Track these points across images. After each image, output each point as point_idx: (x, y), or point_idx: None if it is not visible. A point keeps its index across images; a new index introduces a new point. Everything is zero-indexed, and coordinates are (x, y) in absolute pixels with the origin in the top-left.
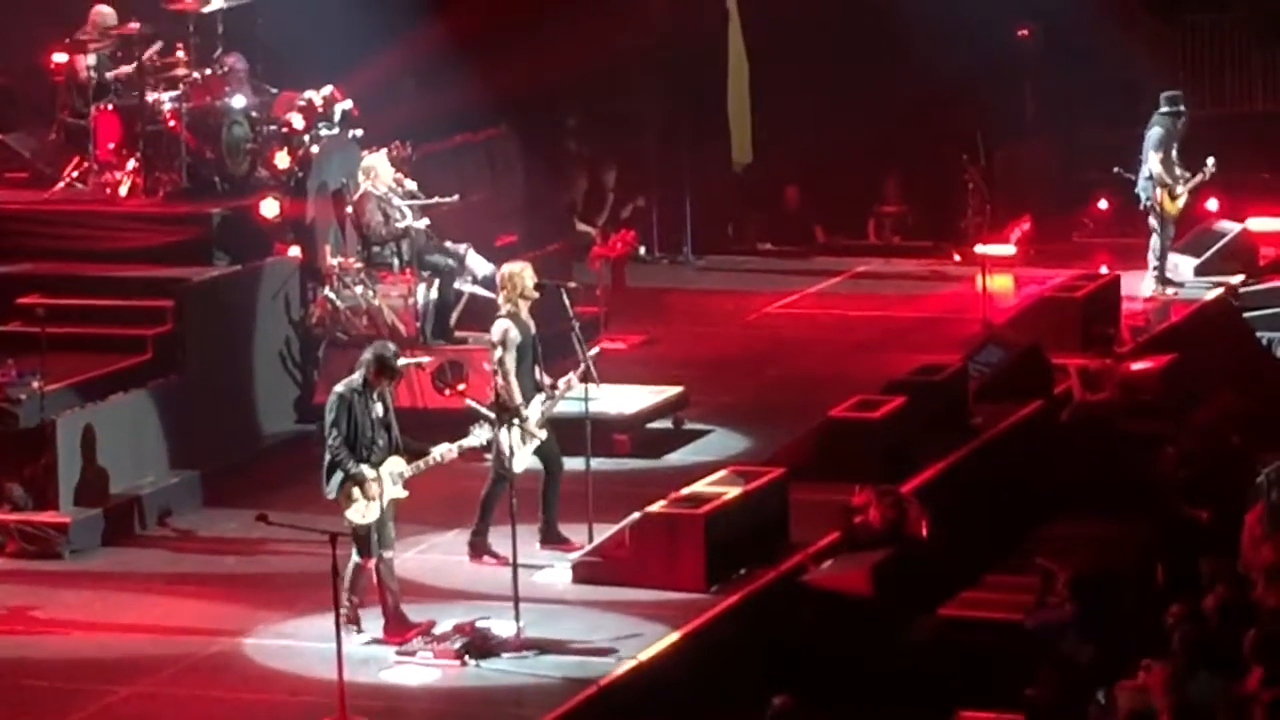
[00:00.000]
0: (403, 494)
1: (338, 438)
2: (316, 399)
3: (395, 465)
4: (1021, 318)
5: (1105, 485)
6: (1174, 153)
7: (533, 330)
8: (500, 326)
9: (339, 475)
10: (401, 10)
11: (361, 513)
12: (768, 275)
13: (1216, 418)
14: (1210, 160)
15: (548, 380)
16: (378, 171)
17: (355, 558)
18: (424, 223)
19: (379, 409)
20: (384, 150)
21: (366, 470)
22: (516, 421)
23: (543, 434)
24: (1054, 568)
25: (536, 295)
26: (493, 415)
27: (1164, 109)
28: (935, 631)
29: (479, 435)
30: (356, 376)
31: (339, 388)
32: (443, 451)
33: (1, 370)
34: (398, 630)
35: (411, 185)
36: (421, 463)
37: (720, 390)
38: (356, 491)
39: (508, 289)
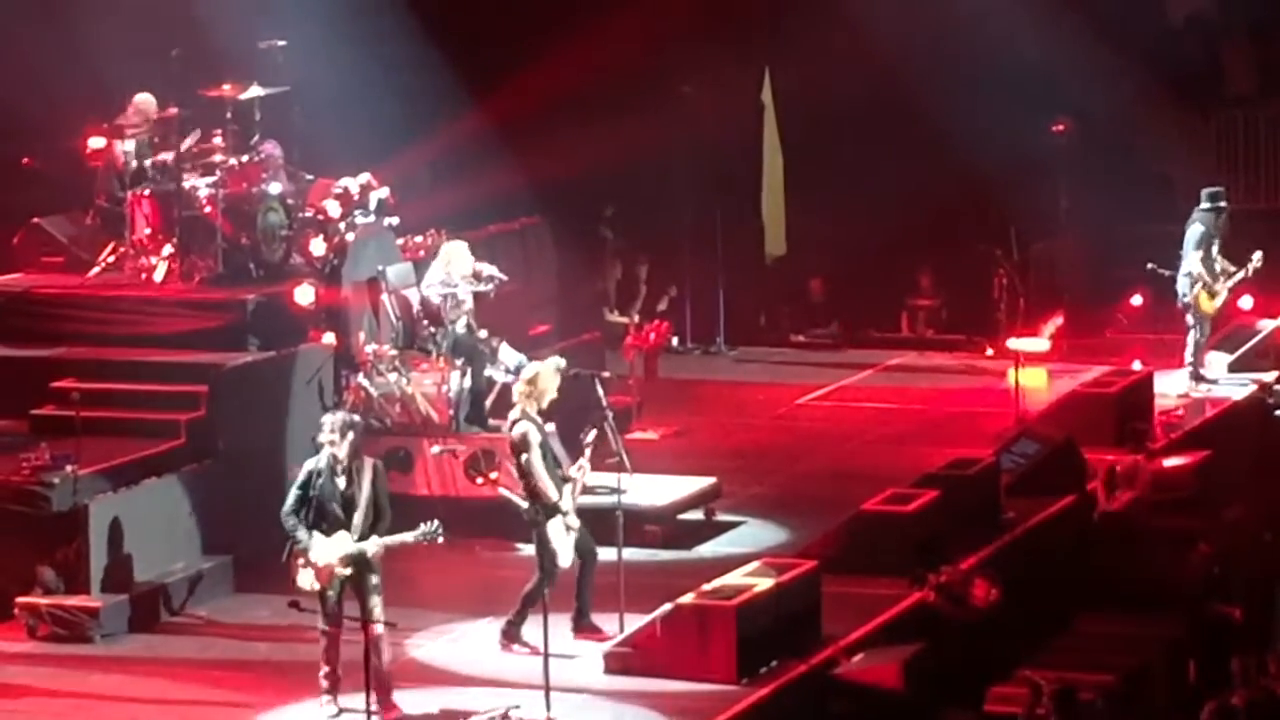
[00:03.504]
0: (344, 572)
1: (290, 507)
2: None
3: (339, 541)
4: (1055, 413)
5: (1138, 581)
6: (1214, 249)
7: (547, 426)
8: (520, 430)
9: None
10: (438, 99)
11: (309, 581)
12: (800, 367)
13: (1248, 515)
14: (1257, 255)
15: (568, 472)
16: (457, 259)
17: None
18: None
19: (343, 483)
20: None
21: (309, 539)
22: (559, 516)
23: (577, 523)
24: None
25: (555, 397)
26: (525, 504)
27: (1205, 205)
28: None
29: (426, 530)
30: (325, 452)
31: (308, 462)
32: (387, 541)
33: (35, 454)
34: (387, 706)
35: (491, 269)
36: (369, 544)
37: (752, 482)
38: (301, 559)
39: (529, 388)
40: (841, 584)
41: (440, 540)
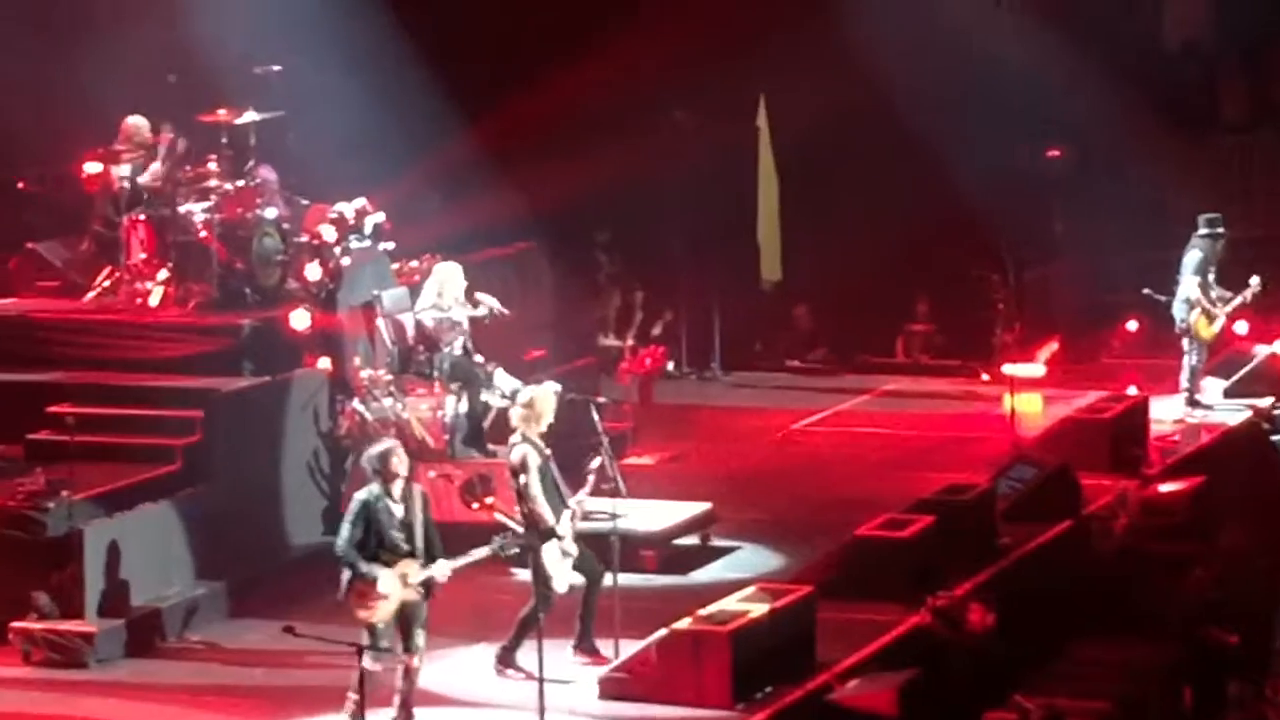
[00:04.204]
0: (414, 597)
1: (347, 539)
2: (344, 510)
3: (407, 568)
4: (1050, 438)
5: (1133, 607)
6: (1211, 276)
7: (547, 450)
8: (519, 452)
9: (347, 575)
10: (433, 125)
11: (383, 613)
12: (796, 392)
13: (1244, 540)
14: (1255, 280)
15: (569, 495)
16: (450, 281)
17: (367, 660)
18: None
19: (400, 510)
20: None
21: (377, 570)
22: (555, 540)
23: (575, 549)
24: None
25: (551, 422)
26: (522, 529)
27: (1203, 231)
28: None
29: (498, 544)
30: (374, 483)
31: (361, 493)
32: (457, 563)
33: (30, 479)
34: None
35: (492, 301)
36: (437, 568)
37: (748, 507)
38: (368, 591)
39: (527, 411)
40: (837, 609)
41: (515, 553)
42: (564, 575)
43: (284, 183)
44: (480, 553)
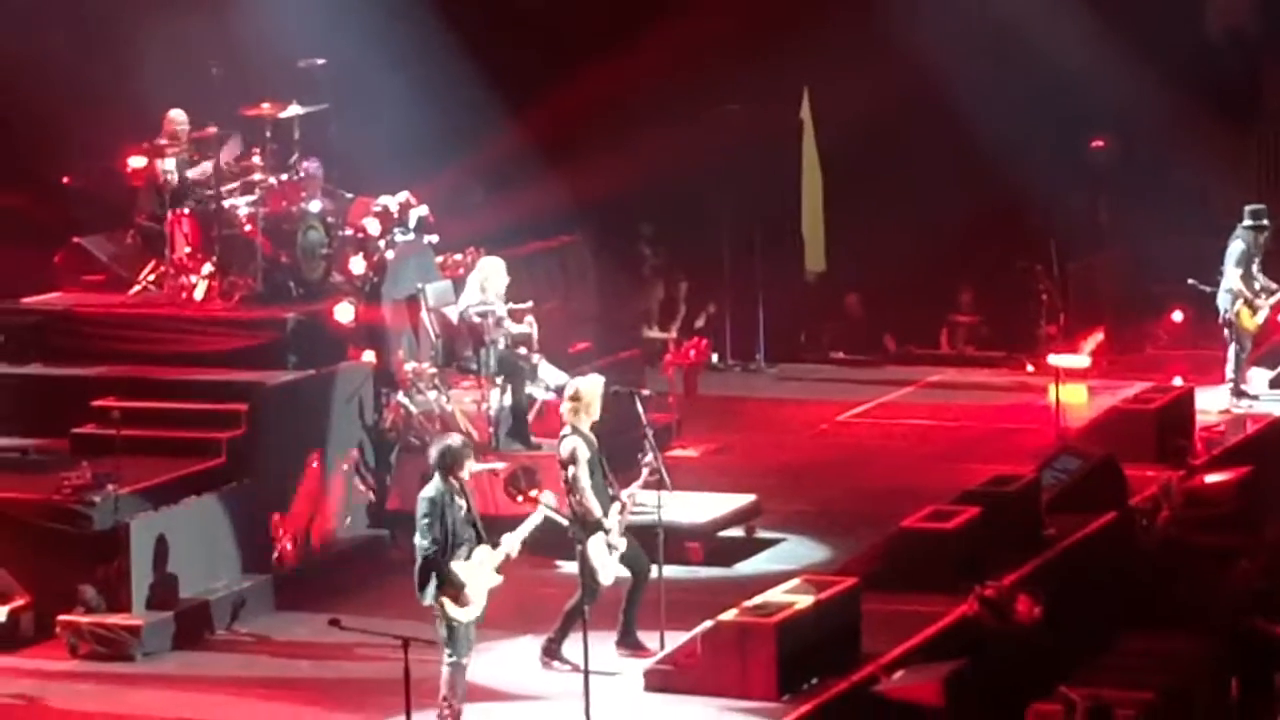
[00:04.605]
0: (499, 579)
1: (432, 541)
2: (389, 504)
3: (484, 555)
4: (1095, 429)
5: (1179, 598)
6: (1255, 267)
7: (596, 443)
8: (569, 445)
9: (435, 579)
10: (477, 117)
11: (466, 611)
12: (841, 384)
13: None
14: None
15: (619, 490)
16: (493, 276)
17: (451, 659)
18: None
19: (463, 504)
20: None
21: (462, 567)
22: (601, 533)
23: (623, 543)
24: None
25: (600, 413)
26: (568, 523)
27: (1247, 222)
28: None
29: (547, 503)
30: (438, 479)
31: (429, 492)
32: (521, 534)
33: (76, 473)
34: None
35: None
36: (506, 543)
37: (793, 499)
38: (459, 595)
39: (575, 404)
40: (882, 601)
41: (568, 519)
42: (610, 568)
43: (328, 176)
44: (536, 517)
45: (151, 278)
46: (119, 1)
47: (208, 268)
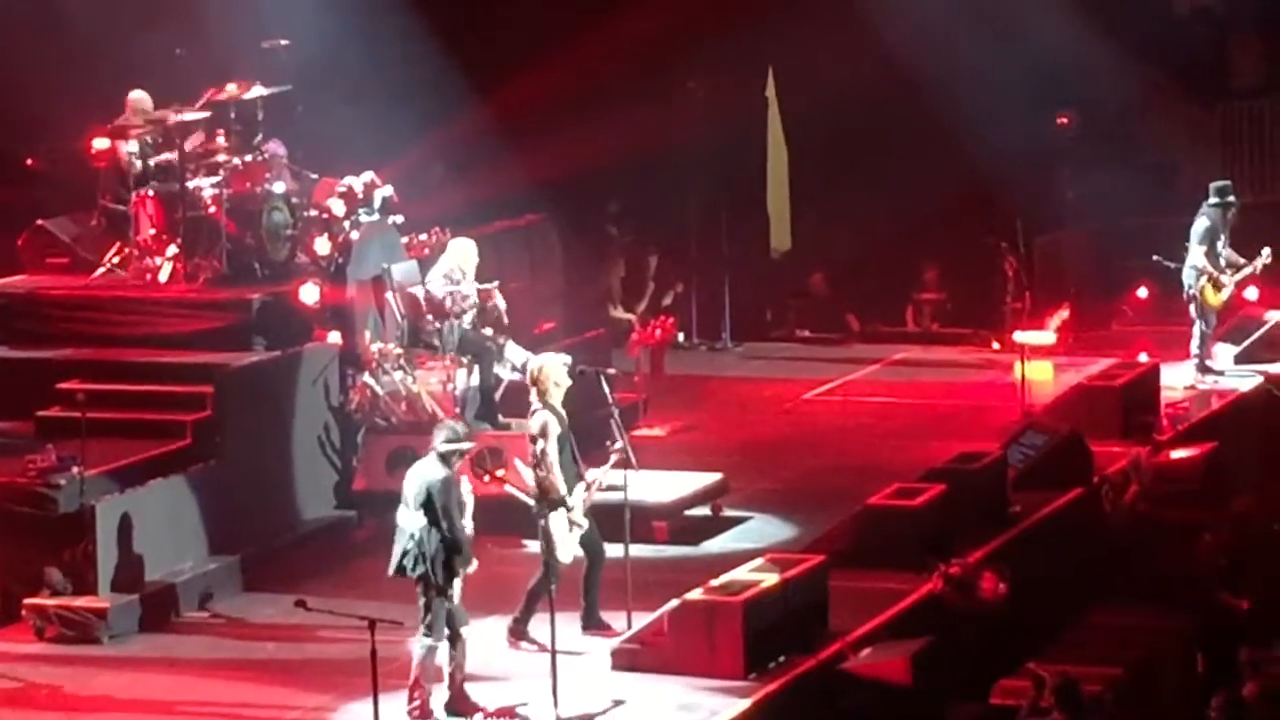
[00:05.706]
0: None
1: (463, 526)
2: (356, 485)
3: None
4: (1061, 405)
5: (1145, 574)
6: (1220, 244)
7: (566, 420)
8: (540, 419)
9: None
10: (441, 97)
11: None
12: (806, 362)
13: (1256, 506)
14: (1266, 251)
15: (585, 469)
16: (463, 256)
17: (427, 642)
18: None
19: (466, 484)
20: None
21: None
22: (564, 510)
23: (586, 522)
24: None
25: (569, 382)
26: (533, 501)
27: (1213, 200)
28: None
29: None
30: (443, 468)
31: (442, 479)
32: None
33: (41, 455)
34: (464, 709)
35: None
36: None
37: (759, 477)
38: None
39: (539, 384)
40: (849, 578)
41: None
42: (569, 546)
43: (292, 157)
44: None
45: (116, 260)
46: None
47: (172, 249)
